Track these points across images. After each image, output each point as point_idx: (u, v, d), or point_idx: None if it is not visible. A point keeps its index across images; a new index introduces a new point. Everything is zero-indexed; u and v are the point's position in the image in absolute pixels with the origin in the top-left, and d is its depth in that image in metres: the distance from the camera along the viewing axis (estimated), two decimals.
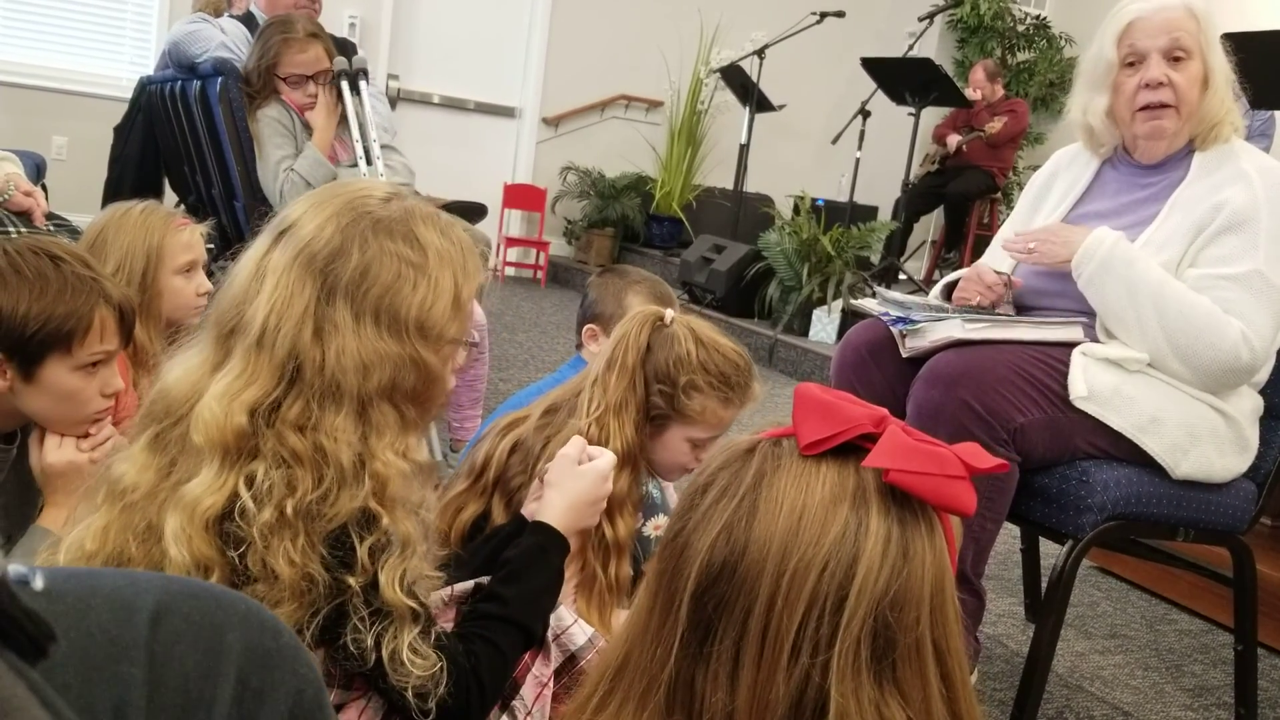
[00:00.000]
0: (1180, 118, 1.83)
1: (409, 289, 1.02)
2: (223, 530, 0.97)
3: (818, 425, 0.76)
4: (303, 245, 1.01)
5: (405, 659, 1.00)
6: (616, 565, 1.43)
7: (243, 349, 1.01)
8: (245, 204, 3.00)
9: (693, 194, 7.30)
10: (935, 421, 1.70)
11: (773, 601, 0.72)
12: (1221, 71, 1.82)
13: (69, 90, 6.06)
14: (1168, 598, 2.77)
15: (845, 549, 0.72)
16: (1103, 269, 1.76)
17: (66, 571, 0.61)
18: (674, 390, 1.47)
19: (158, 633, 0.58)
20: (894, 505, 0.74)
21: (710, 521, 0.76)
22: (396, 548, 1.01)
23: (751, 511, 0.74)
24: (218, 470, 0.98)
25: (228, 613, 0.61)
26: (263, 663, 0.61)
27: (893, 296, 2.00)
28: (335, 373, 1.00)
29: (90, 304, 1.32)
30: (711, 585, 0.74)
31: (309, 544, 0.97)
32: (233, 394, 0.99)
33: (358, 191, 1.06)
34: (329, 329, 1.00)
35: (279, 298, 1.00)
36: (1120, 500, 1.73)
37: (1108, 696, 2.17)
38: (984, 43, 8.02)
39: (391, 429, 1.03)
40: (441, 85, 7.08)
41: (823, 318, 5.14)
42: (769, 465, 0.76)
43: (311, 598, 0.98)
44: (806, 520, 0.73)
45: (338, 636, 1.00)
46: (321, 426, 0.99)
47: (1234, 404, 1.80)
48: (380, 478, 1.01)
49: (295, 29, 3.00)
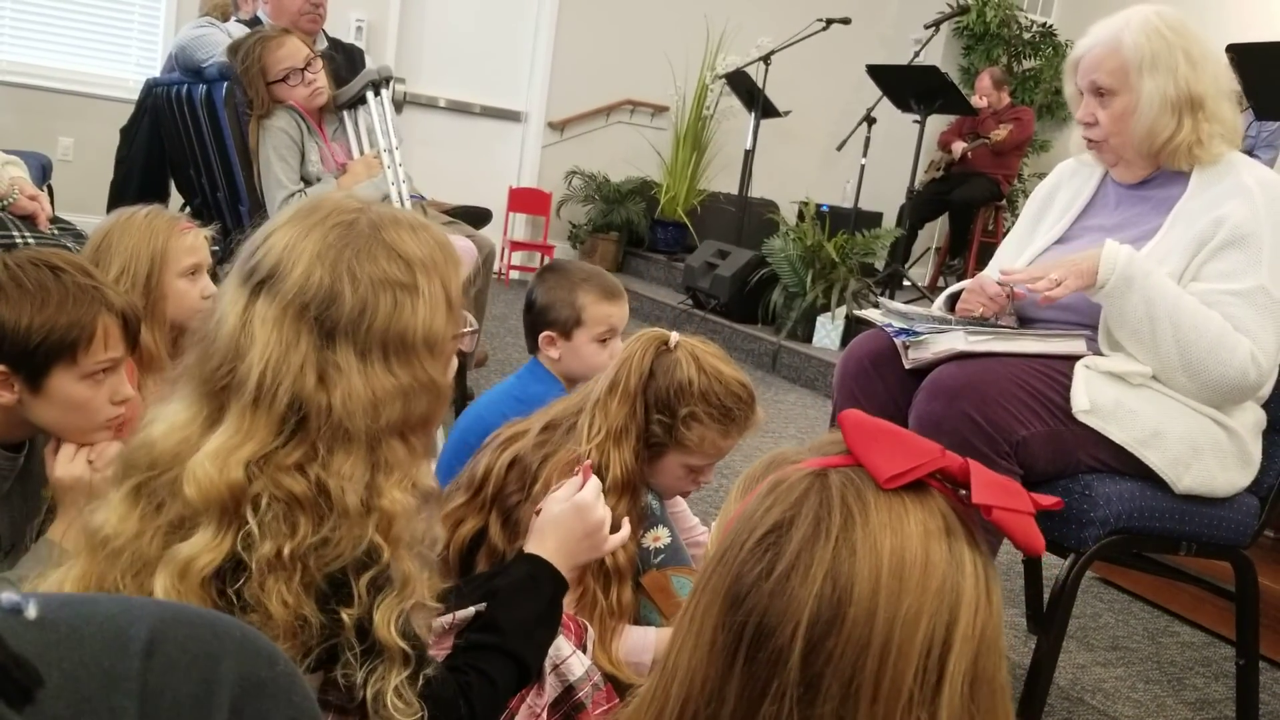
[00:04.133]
0: (1111, 150, 1.91)
1: (409, 313, 0.99)
2: (219, 572, 0.95)
3: (893, 458, 0.71)
4: (291, 295, 0.96)
5: (389, 701, 0.97)
6: (618, 590, 1.42)
7: (238, 407, 0.96)
8: (250, 208, 3.01)
9: (697, 199, 7.29)
10: (937, 434, 1.69)
11: (885, 653, 0.66)
12: (1158, 94, 1.80)
13: (75, 92, 6.07)
14: (1170, 610, 2.77)
15: (949, 591, 0.68)
16: (1124, 281, 1.75)
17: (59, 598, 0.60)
18: (673, 421, 1.46)
19: (151, 663, 0.57)
20: (974, 543, 0.71)
21: (809, 567, 0.68)
22: (395, 587, 0.98)
23: (851, 555, 0.68)
24: (215, 529, 0.94)
25: (223, 641, 0.60)
26: (257, 692, 0.60)
27: (896, 307, 2.00)
28: (343, 416, 0.96)
29: (92, 313, 1.32)
30: (822, 639, 0.67)
31: (303, 586, 0.94)
32: (228, 451, 0.95)
33: (327, 217, 1.01)
34: (333, 373, 0.97)
35: (273, 353, 0.95)
36: (1123, 514, 1.72)
37: (1109, 709, 2.16)
38: (990, 50, 8.01)
39: (401, 465, 1.00)
40: (447, 89, 7.09)
41: (826, 324, 5.13)
42: (854, 501, 0.70)
43: (304, 637, 0.95)
44: (909, 561, 0.68)
45: (330, 670, 0.98)
46: (330, 469, 0.96)
47: (1237, 418, 1.79)
48: (387, 515, 0.98)
49: (265, 29, 3.02)
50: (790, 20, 6.34)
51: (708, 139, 7.44)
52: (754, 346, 5.32)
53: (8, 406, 1.31)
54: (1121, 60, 1.82)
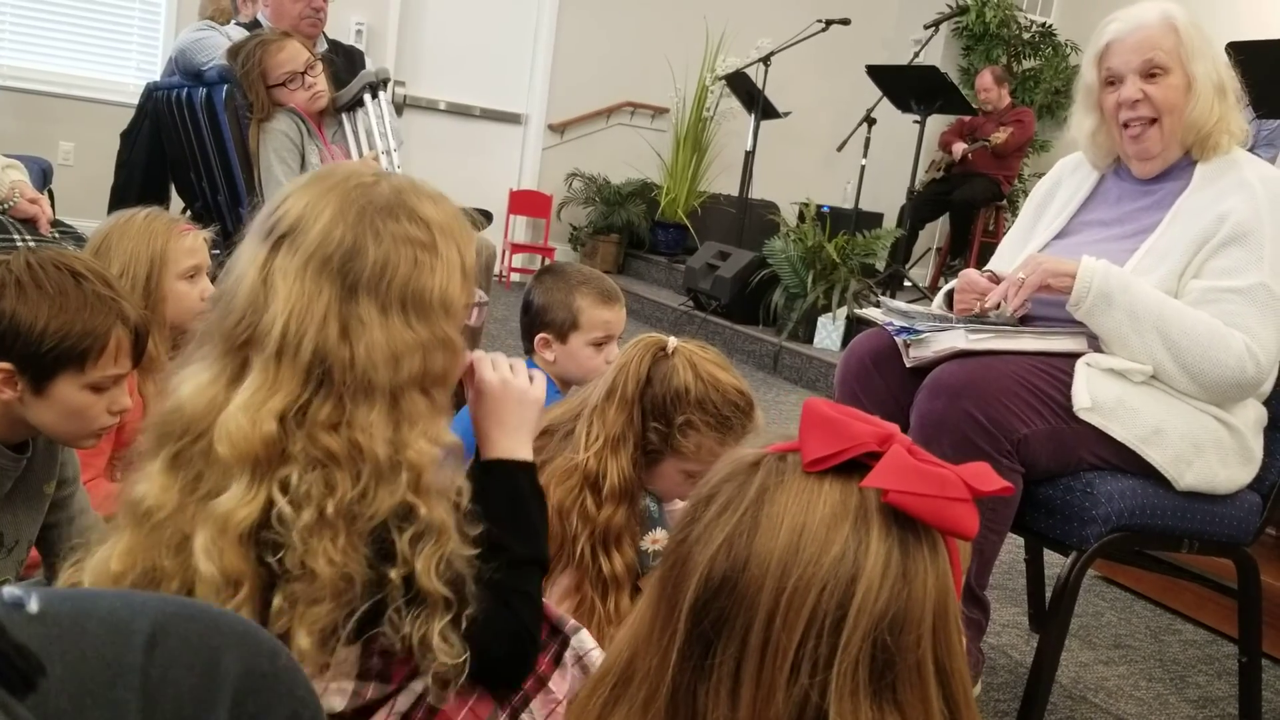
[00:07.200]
0: (1164, 129, 1.84)
1: (427, 272, 1.01)
2: (259, 539, 0.97)
3: (822, 442, 0.75)
4: (313, 248, 0.99)
5: (435, 645, 1.00)
6: (615, 597, 1.42)
7: (262, 360, 0.98)
8: (250, 210, 3.01)
9: (698, 201, 7.30)
10: (939, 432, 1.69)
11: (771, 619, 0.71)
12: (1208, 79, 1.81)
13: (76, 96, 6.08)
14: (1172, 608, 2.76)
15: (844, 569, 0.71)
16: (1103, 298, 1.74)
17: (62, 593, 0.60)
18: (669, 429, 1.46)
19: (153, 656, 0.57)
20: (896, 526, 0.73)
21: (711, 535, 0.75)
22: (432, 536, 1.00)
23: (753, 527, 0.74)
24: (249, 483, 0.96)
25: (224, 635, 0.60)
26: (259, 685, 0.60)
27: (897, 306, 1.99)
28: (366, 368, 0.99)
29: (108, 324, 1.31)
30: (711, 599, 0.74)
31: (349, 543, 0.97)
32: (258, 404, 0.97)
33: (348, 179, 1.04)
34: (355, 326, 0.99)
35: (295, 304, 0.98)
36: (1124, 512, 1.72)
37: (1111, 707, 2.16)
38: (989, 50, 8.01)
39: (423, 417, 1.02)
40: (448, 92, 7.10)
41: (827, 325, 5.13)
42: (772, 480, 0.76)
43: (349, 597, 0.97)
44: (807, 538, 0.72)
45: (374, 629, 1.01)
46: (355, 423, 0.98)
47: (1238, 415, 1.79)
48: (415, 468, 1.00)
49: (265, 32, 3.02)
50: (790, 21, 6.34)
51: (708, 140, 7.45)
52: (755, 347, 5.32)
53: (7, 403, 1.30)
54: (1178, 40, 1.80)
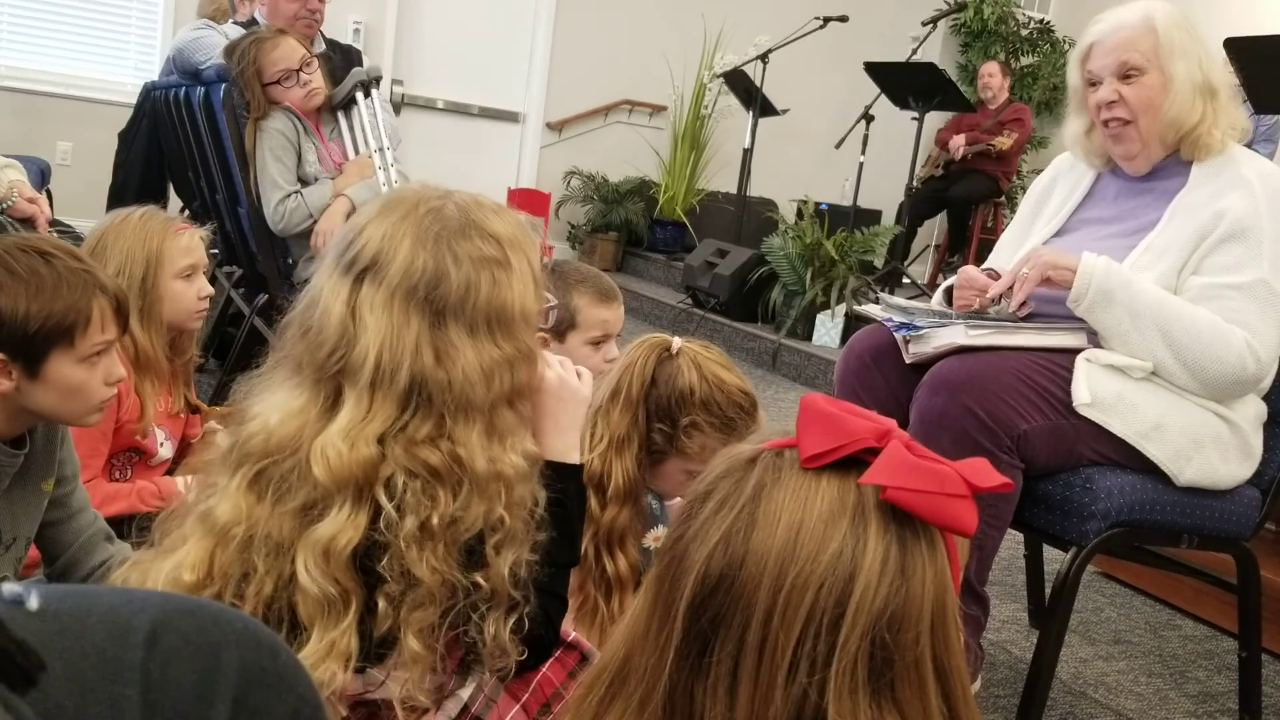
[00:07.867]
0: (1140, 129, 1.85)
1: (505, 288, 1.05)
2: (361, 552, 1.00)
3: (820, 438, 0.74)
4: (398, 280, 1.02)
5: (504, 645, 1.05)
6: (619, 598, 1.42)
7: (356, 390, 1.02)
8: (249, 209, 3.00)
9: (696, 198, 7.29)
10: (939, 428, 1.69)
11: (769, 617, 0.71)
12: (1189, 78, 1.80)
13: (74, 96, 6.07)
14: (1172, 603, 2.76)
15: (842, 566, 0.70)
16: (1103, 295, 1.75)
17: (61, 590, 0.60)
18: (674, 430, 1.46)
19: (154, 652, 0.57)
20: (894, 522, 0.73)
21: (708, 532, 0.75)
22: (514, 543, 1.05)
23: (750, 524, 0.73)
24: (350, 508, 1.00)
25: (225, 631, 0.60)
26: (260, 682, 0.60)
27: (896, 302, 1.99)
28: (464, 389, 1.02)
29: (87, 296, 1.33)
30: (708, 597, 0.73)
31: (447, 552, 1.01)
32: (356, 429, 1.00)
33: (418, 205, 1.06)
34: (448, 350, 1.02)
35: (386, 336, 1.01)
36: (1124, 507, 1.72)
37: (1111, 703, 2.16)
38: (987, 47, 8.01)
39: (514, 432, 1.06)
40: (445, 90, 7.09)
41: (826, 322, 5.13)
42: (769, 477, 0.75)
43: (450, 602, 1.02)
44: (804, 535, 0.71)
45: (460, 629, 1.04)
46: (456, 438, 1.02)
47: (1238, 410, 1.79)
48: (508, 482, 1.04)
49: (260, 30, 3.01)
50: (788, 19, 6.33)
51: (706, 138, 7.44)
52: (754, 345, 5.32)
53: (5, 394, 1.31)
54: (1156, 41, 1.81)
